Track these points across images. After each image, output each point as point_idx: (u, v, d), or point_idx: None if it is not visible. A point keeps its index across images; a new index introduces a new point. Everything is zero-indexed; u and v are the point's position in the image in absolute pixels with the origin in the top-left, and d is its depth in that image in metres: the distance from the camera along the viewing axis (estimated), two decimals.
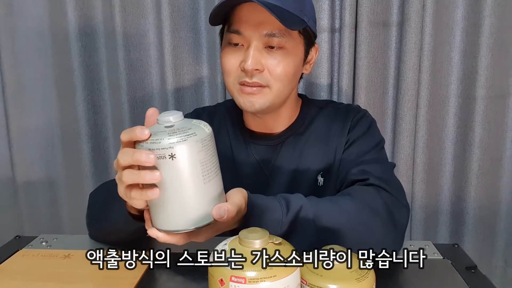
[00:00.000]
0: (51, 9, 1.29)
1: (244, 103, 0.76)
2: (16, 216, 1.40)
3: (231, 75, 0.76)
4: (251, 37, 0.73)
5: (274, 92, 0.76)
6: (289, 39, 0.74)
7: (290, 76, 0.77)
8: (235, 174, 0.86)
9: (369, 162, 0.78)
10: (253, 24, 0.72)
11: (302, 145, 0.85)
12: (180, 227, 0.50)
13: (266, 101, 0.76)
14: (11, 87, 1.32)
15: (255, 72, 0.74)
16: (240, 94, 0.76)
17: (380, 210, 0.68)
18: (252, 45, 0.73)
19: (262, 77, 0.74)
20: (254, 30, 0.72)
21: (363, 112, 0.87)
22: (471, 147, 1.25)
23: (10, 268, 0.70)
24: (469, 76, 1.23)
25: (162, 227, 0.52)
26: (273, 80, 0.75)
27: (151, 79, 1.30)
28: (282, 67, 0.74)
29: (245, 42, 0.74)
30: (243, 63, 0.73)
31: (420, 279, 0.64)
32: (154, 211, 0.52)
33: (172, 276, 0.66)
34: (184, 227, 0.50)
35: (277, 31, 0.72)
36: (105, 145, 1.37)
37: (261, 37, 0.73)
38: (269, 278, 0.42)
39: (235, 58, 0.75)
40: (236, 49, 0.75)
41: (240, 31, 0.73)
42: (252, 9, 0.72)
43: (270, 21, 0.71)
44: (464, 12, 1.21)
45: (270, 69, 0.74)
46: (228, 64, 0.76)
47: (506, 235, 1.31)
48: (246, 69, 0.73)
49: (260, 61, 0.73)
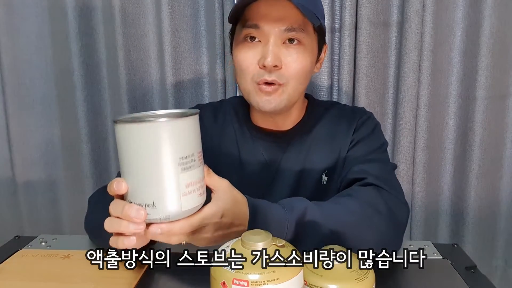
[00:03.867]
0: (51, 9, 1.29)
1: (261, 102, 0.76)
2: (16, 216, 1.40)
3: (249, 72, 0.75)
4: (270, 32, 0.72)
5: (289, 90, 0.76)
6: (306, 35, 0.74)
7: (307, 72, 0.77)
8: (241, 171, 0.86)
9: (370, 162, 0.79)
10: (272, 19, 0.72)
11: (309, 144, 0.85)
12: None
13: (282, 100, 0.76)
14: (11, 87, 1.32)
15: (274, 69, 0.73)
16: (257, 93, 0.76)
17: (381, 208, 0.68)
18: (271, 41, 0.72)
19: (279, 74, 0.74)
20: (274, 25, 0.72)
21: (369, 114, 0.88)
22: (471, 147, 1.25)
23: (10, 268, 0.69)
24: (469, 76, 1.23)
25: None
26: (290, 78, 0.75)
27: (151, 79, 1.30)
28: (300, 63, 0.74)
29: (263, 37, 0.74)
30: (262, 60, 0.73)
31: (420, 279, 0.64)
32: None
33: (172, 276, 0.66)
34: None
35: (296, 26, 0.72)
36: (105, 145, 1.37)
37: (280, 32, 0.72)
38: (271, 281, 0.42)
39: (252, 54, 0.74)
40: (253, 45, 0.75)
41: (260, 25, 0.73)
42: (271, 4, 0.72)
43: (290, 16, 0.71)
44: (464, 12, 1.21)
45: (287, 65, 0.74)
46: (245, 61, 0.75)
47: (506, 235, 1.31)
48: (267, 65, 0.72)
49: (279, 57, 0.73)
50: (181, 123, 0.48)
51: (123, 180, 0.49)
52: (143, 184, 0.49)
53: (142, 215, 0.48)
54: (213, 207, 0.54)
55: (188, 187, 0.49)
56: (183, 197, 0.49)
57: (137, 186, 0.49)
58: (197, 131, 0.51)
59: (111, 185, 0.50)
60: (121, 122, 0.48)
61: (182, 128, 0.49)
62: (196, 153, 0.50)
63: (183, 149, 0.49)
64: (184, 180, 0.49)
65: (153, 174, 0.48)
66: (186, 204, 0.50)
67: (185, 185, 0.49)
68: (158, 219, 0.49)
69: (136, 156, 0.48)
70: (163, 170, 0.48)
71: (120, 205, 0.49)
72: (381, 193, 0.71)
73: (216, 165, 0.85)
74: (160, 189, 0.48)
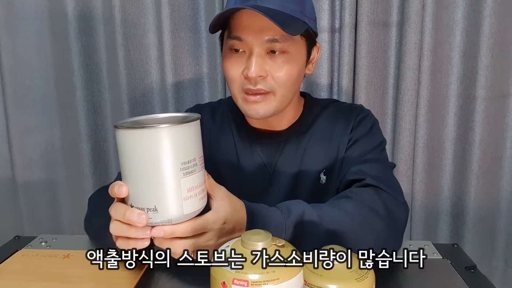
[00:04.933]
0: (51, 9, 1.29)
1: (249, 111, 0.76)
2: (16, 216, 1.40)
3: (236, 82, 0.76)
4: (253, 43, 0.72)
5: (278, 98, 0.75)
6: (291, 43, 0.73)
7: (294, 80, 0.76)
8: (239, 172, 0.86)
9: (368, 162, 0.78)
10: (254, 31, 0.72)
11: (306, 143, 0.85)
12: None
13: (270, 108, 0.76)
14: (11, 87, 1.32)
15: (259, 79, 0.73)
16: (244, 103, 0.76)
17: (380, 210, 0.68)
18: (254, 52, 0.72)
19: (266, 83, 0.74)
20: (256, 36, 0.72)
21: (367, 111, 0.87)
22: (471, 147, 1.25)
23: (10, 268, 0.69)
24: (469, 76, 1.23)
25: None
26: (277, 86, 0.74)
27: (151, 79, 1.30)
28: (286, 72, 0.74)
29: (246, 48, 0.73)
30: (246, 71, 0.73)
31: (420, 279, 0.64)
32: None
33: (172, 276, 0.66)
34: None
35: (279, 37, 0.71)
36: (105, 145, 1.37)
37: (263, 43, 0.72)
38: (271, 281, 0.42)
39: (237, 65, 0.75)
40: (238, 55, 0.75)
41: (242, 37, 0.72)
42: (253, 15, 0.71)
43: (271, 27, 0.70)
44: (464, 12, 1.21)
45: (273, 74, 0.73)
46: (231, 72, 0.76)
47: (506, 235, 1.31)
48: (250, 77, 0.72)
49: (263, 67, 0.73)
50: (182, 128, 0.49)
51: (124, 184, 0.50)
52: (145, 188, 0.49)
53: (144, 220, 0.48)
54: (215, 214, 0.54)
55: (189, 192, 0.50)
56: (184, 201, 0.49)
57: (138, 190, 0.49)
58: (198, 136, 0.51)
59: (112, 189, 0.50)
60: (122, 127, 0.48)
61: (183, 133, 0.49)
62: (197, 158, 0.50)
63: (185, 154, 0.49)
64: (186, 184, 0.49)
65: (155, 179, 0.48)
66: (187, 208, 0.50)
67: (186, 189, 0.49)
68: (160, 223, 0.50)
69: (137, 161, 0.48)
70: (165, 175, 0.48)
71: (122, 208, 0.50)
72: (379, 194, 0.71)
73: (214, 165, 0.86)
74: (162, 194, 0.48)
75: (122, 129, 0.48)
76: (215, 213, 0.54)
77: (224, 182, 0.58)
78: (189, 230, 0.51)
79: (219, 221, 0.54)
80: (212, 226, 0.54)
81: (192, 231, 0.52)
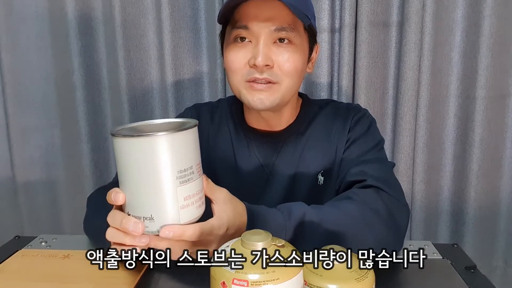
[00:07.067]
0: (51, 9, 1.29)
1: (253, 101, 0.75)
2: (16, 216, 1.40)
3: (238, 72, 0.75)
4: (260, 32, 0.72)
5: (283, 88, 0.75)
6: (296, 34, 0.74)
7: (299, 71, 0.76)
8: (236, 172, 0.86)
9: (368, 162, 0.78)
10: (262, 19, 0.72)
11: (303, 144, 0.84)
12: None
13: (276, 98, 0.75)
14: (11, 87, 1.32)
15: (265, 68, 0.73)
16: (249, 92, 0.75)
17: (381, 211, 0.68)
18: (261, 41, 0.72)
19: (272, 73, 0.74)
20: (264, 25, 0.72)
21: (364, 111, 0.87)
22: (471, 147, 1.25)
23: (10, 268, 0.69)
24: (469, 76, 1.23)
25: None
26: (283, 76, 0.74)
27: (151, 79, 1.30)
28: (292, 62, 0.74)
29: (253, 37, 0.73)
30: (253, 59, 0.72)
31: (420, 279, 0.64)
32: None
33: (172, 276, 0.66)
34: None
35: (286, 25, 0.72)
36: (105, 145, 1.38)
37: (270, 32, 0.72)
38: (271, 281, 0.42)
39: (242, 54, 0.74)
40: (243, 45, 0.74)
41: (249, 26, 0.72)
42: (260, 5, 0.71)
43: (279, 15, 0.71)
44: (464, 12, 1.21)
45: (280, 64, 0.73)
46: (234, 61, 0.75)
47: (506, 235, 1.31)
48: (257, 65, 0.71)
49: (270, 56, 0.73)
50: (179, 136, 0.48)
51: (120, 191, 0.50)
52: (141, 197, 0.49)
53: (140, 229, 0.48)
54: (218, 221, 0.54)
55: (186, 200, 0.49)
56: (181, 210, 0.49)
57: (135, 198, 0.49)
58: (196, 143, 0.51)
59: (109, 196, 0.50)
60: (119, 135, 0.48)
61: (180, 141, 0.48)
62: (194, 165, 0.50)
63: (182, 163, 0.48)
64: (182, 193, 0.49)
65: (151, 187, 0.48)
66: (184, 217, 0.50)
67: (183, 198, 0.49)
68: (156, 232, 0.50)
69: (134, 169, 0.48)
70: (161, 184, 0.48)
71: (119, 216, 0.50)
72: (381, 195, 0.70)
73: (212, 166, 0.86)
74: (158, 203, 0.48)
75: (119, 137, 0.48)
76: (219, 219, 0.54)
77: (220, 183, 0.58)
78: (197, 232, 0.51)
79: (222, 227, 0.55)
80: (217, 232, 0.54)
81: (200, 234, 0.52)
